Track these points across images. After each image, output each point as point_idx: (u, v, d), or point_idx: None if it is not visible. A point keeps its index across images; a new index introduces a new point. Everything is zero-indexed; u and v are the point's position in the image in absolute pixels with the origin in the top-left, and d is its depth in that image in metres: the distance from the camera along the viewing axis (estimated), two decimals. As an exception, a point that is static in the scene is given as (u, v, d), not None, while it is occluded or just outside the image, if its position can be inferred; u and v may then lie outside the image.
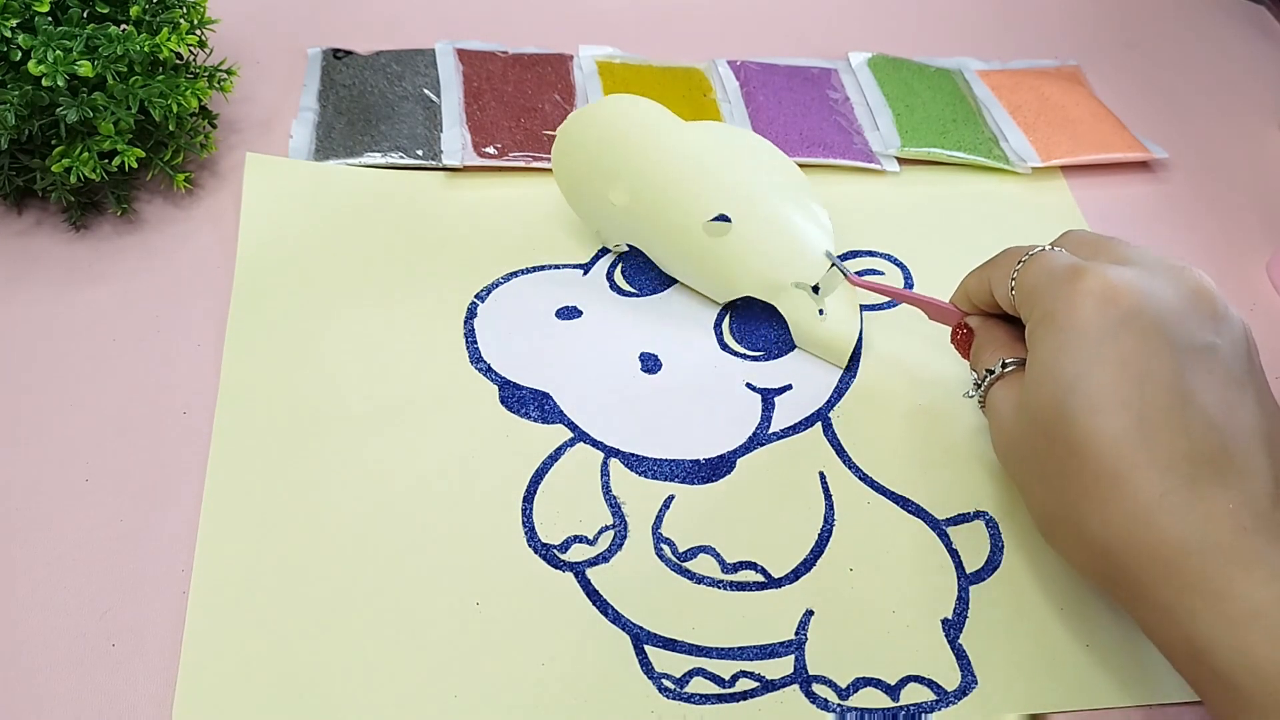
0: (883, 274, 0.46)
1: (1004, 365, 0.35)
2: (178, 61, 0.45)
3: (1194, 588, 0.27)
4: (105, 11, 0.42)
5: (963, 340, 0.39)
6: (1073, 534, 0.31)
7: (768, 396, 0.42)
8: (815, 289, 0.42)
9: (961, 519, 0.39)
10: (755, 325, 0.44)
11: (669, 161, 0.42)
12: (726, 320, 0.44)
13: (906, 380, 0.43)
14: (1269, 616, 0.26)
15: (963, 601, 0.37)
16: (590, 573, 0.37)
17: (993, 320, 0.37)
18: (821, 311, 0.42)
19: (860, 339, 0.44)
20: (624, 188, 0.42)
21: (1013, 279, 0.34)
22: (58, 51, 0.39)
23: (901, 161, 0.52)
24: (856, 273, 0.45)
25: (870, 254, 0.47)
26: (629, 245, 0.46)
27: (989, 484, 0.40)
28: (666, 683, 0.34)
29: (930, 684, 0.35)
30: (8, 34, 0.38)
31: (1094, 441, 0.29)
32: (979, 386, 0.36)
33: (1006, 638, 0.36)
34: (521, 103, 0.51)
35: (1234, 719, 0.27)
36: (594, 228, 0.44)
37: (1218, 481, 0.28)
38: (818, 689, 0.35)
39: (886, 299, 0.45)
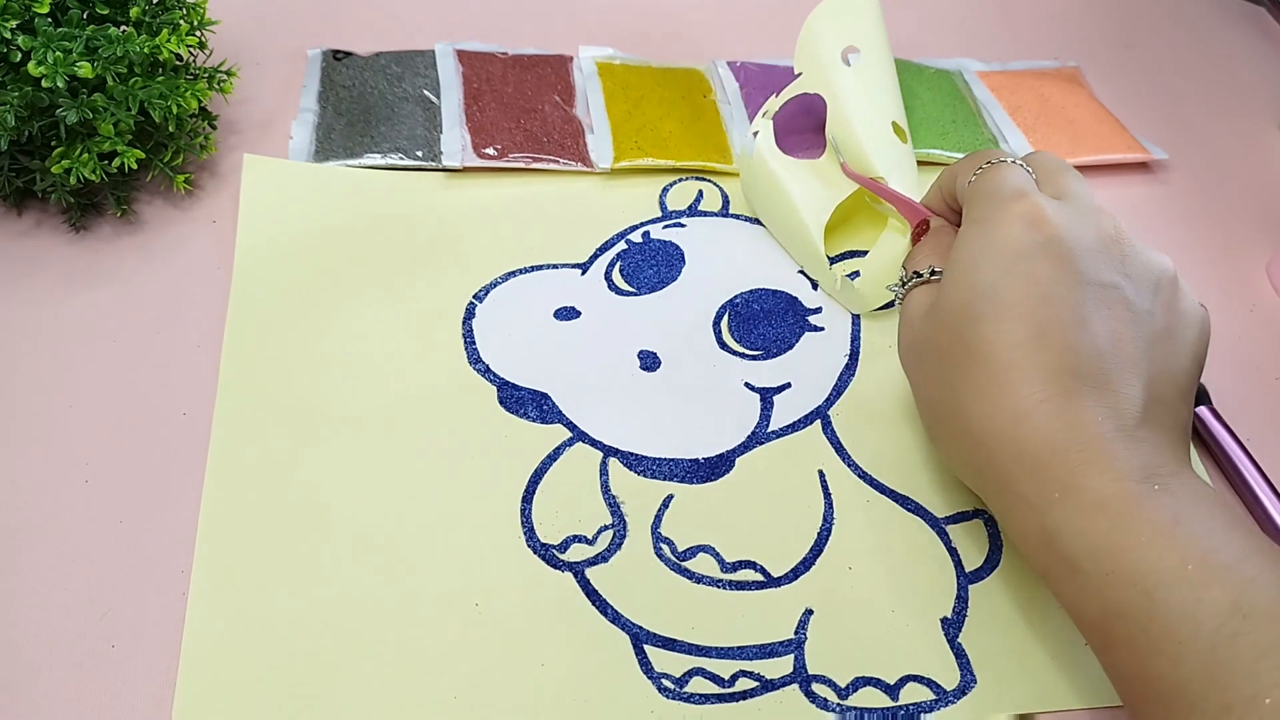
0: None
1: (932, 272, 0.37)
2: (177, 63, 0.45)
3: (1054, 481, 0.31)
4: (105, 13, 0.42)
5: (919, 237, 0.41)
6: (956, 427, 0.34)
7: (766, 395, 0.42)
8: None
9: (961, 517, 0.39)
10: (754, 324, 0.44)
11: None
12: (725, 319, 0.44)
13: (906, 378, 0.43)
14: (1109, 508, 0.30)
15: (962, 600, 0.37)
16: (589, 572, 0.37)
17: (948, 227, 0.40)
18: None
19: (859, 335, 0.44)
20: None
21: (972, 178, 0.37)
22: (57, 53, 0.39)
23: (901, 162, 0.52)
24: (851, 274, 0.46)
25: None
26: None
27: (988, 483, 0.40)
28: (666, 682, 0.34)
29: (929, 683, 0.35)
30: (8, 35, 0.38)
31: (992, 344, 0.32)
32: (903, 285, 0.38)
33: (1005, 637, 0.36)
34: (521, 104, 0.51)
35: (1074, 596, 0.31)
36: (812, 90, 0.48)
37: (1091, 396, 0.31)
38: (817, 688, 0.35)
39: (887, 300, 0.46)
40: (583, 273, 0.45)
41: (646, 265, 0.46)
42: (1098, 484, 0.30)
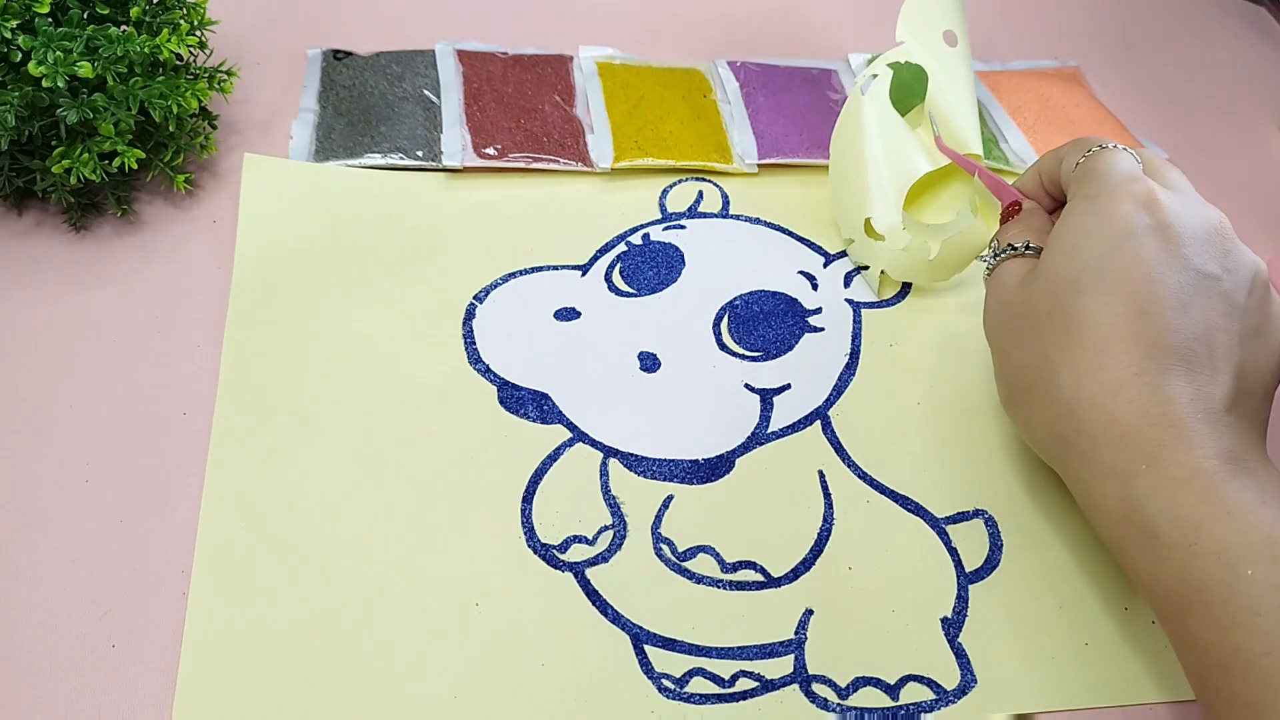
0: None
1: (1027, 247, 0.38)
2: (178, 62, 0.45)
3: (1141, 452, 0.32)
4: (105, 13, 0.42)
5: (1009, 218, 0.42)
6: (1043, 394, 0.35)
7: (766, 396, 0.42)
8: None
9: (961, 517, 0.39)
10: (753, 326, 0.44)
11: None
12: (725, 321, 0.44)
13: (906, 378, 0.43)
14: (1195, 484, 0.31)
15: (962, 600, 0.37)
16: (590, 573, 0.37)
17: (1040, 210, 0.41)
18: None
19: (860, 331, 0.44)
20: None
21: (1081, 160, 0.38)
22: (58, 53, 0.39)
23: (902, 162, 0.52)
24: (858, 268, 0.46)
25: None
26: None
27: (988, 483, 0.40)
28: (666, 682, 0.34)
29: (930, 683, 0.35)
30: (8, 35, 0.38)
31: (1095, 316, 0.33)
32: (996, 256, 0.39)
33: (1006, 637, 0.36)
34: (521, 104, 0.51)
35: (1151, 567, 0.31)
36: (916, 60, 0.49)
37: (1184, 377, 0.32)
38: (817, 688, 0.35)
39: (887, 299, 0.46)
40: (583, 274, 0.45)
41: (646, 266, 0.46)
42: (1184, 459, 0.31)
